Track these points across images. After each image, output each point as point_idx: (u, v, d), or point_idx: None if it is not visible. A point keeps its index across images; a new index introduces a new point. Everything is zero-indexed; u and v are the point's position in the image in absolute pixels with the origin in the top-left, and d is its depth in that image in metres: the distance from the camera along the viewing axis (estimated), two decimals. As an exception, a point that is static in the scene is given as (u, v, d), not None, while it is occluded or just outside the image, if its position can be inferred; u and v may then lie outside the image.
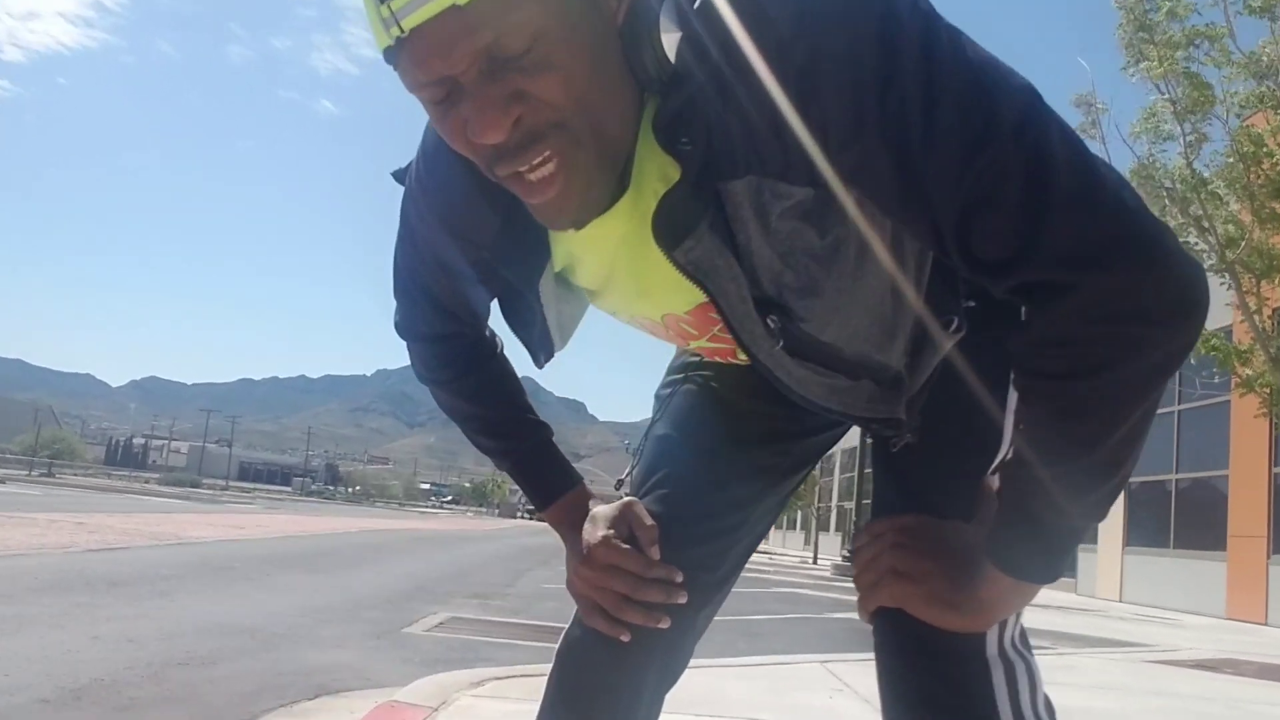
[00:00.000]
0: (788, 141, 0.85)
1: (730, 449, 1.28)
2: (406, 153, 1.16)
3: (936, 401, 1.15)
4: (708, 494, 1.24)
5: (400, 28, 0.80)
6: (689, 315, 1.10)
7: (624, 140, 0.92)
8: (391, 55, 0.84)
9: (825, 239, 0.95)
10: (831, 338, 1.05)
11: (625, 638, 1.14)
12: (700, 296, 1.00)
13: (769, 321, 1.01)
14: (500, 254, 1.06)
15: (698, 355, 1.32)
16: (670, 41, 0.87)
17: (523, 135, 0.85)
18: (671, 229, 0.94)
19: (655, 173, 0.95)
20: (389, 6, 0.81)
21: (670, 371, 1.40)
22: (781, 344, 1.03)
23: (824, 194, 0.90)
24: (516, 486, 1.33)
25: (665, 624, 1.15)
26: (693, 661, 1.26)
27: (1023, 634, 1.16)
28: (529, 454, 1.32)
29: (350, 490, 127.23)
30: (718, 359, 1.26)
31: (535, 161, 0.86)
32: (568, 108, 0.85)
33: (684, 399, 1.34)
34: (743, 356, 1.12)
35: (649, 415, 1.40)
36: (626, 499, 1.24)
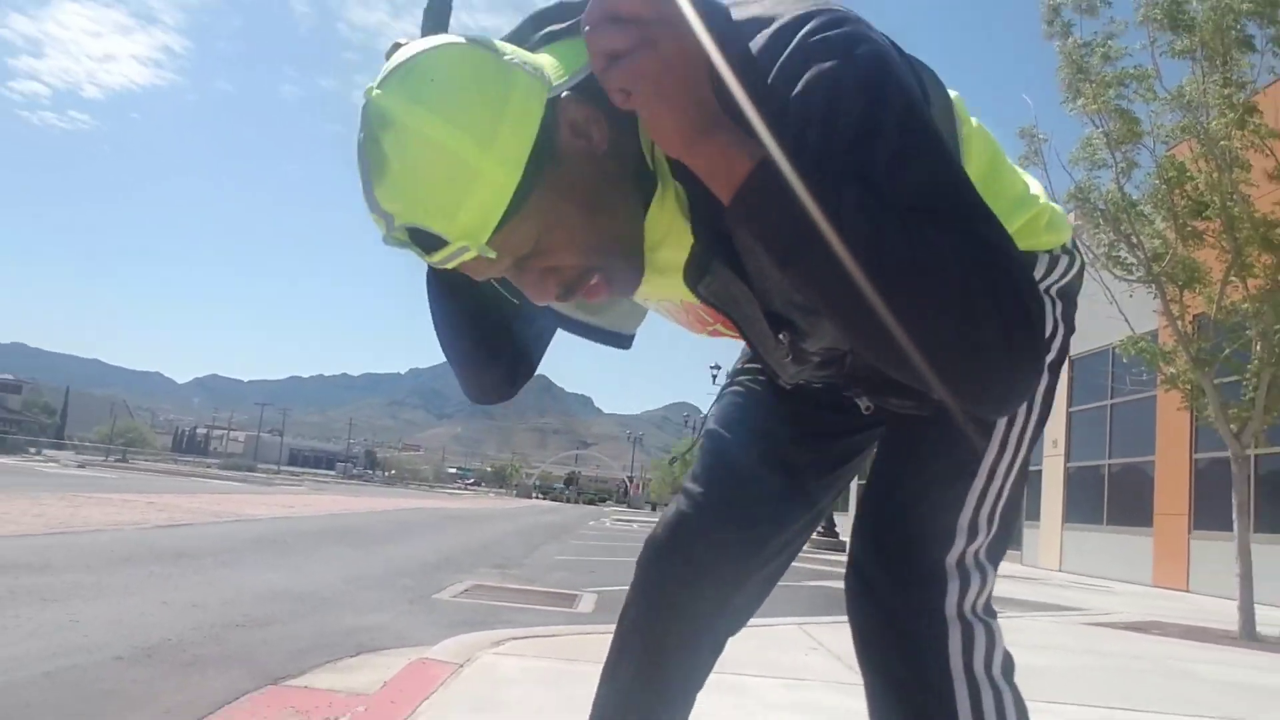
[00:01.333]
0: None
1: (763, 440, 1.27)
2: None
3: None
4: (745, 486, 1.24)
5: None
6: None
7: (635, 220, 0.95)
8: None
9: None
10: (820, 349, 1.07)
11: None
12: None
13: (780, 337, 1.03)
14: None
15: (748, 367, 1.36)
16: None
17: (566, 286, 0.93)
18: (691, 270, 0.99)
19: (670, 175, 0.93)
20: (417, 252, 0.87)
21: (728, 377, 1.42)
22: (790, 357, 1.07)
23: None
24: (531, 471, 1.32)
25: None
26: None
27: (987, 603, 1.12)
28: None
29: (386, 474, 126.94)
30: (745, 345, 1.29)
31: (584, 290, 0.94)
32: (588, 255, 0.91)
33: (730, 398, 1.36)
34: None
35: (649, 408, 1.37)
36: None
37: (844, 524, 24.88)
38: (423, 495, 48.35)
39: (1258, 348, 7.12)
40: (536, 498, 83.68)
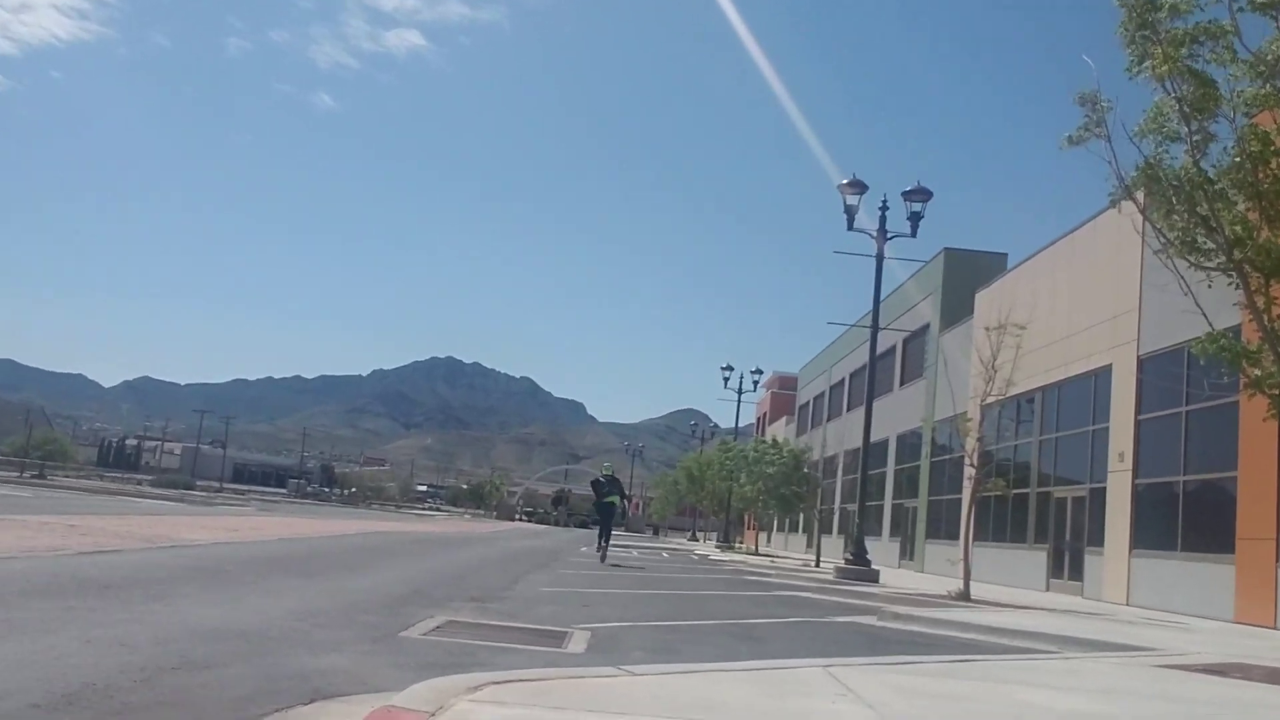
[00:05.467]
0: None
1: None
2: (406, 148, 1.16)
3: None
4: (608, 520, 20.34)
5: None
6: None
7: None
8: None
9: None
10: None
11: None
12: None
13: None
14: None
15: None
16: None
17: None
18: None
19: None
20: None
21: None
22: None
23: None
24: (514, 489, 1.41)
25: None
26: (692, 665, 1.26)
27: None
28: None
29: (346, 492, 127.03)
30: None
31: None
32: None
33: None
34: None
35: (650, 416, 1.65)
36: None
37: (873, 548, 24.83)
38: (388, 517, 48.39)
39: (1356, 346, 7.11)
40: (520, 519, 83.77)
